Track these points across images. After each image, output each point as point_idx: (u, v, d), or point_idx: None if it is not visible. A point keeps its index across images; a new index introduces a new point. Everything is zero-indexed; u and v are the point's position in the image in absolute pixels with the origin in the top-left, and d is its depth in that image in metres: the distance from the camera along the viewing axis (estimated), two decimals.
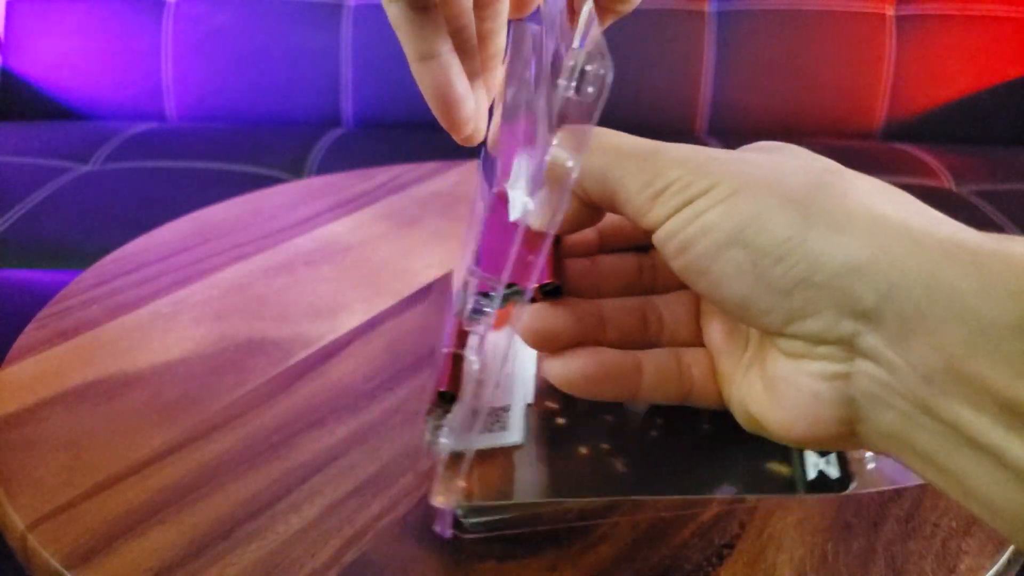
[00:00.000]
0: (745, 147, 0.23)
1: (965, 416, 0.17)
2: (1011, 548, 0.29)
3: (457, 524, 0.28)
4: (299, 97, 1.25)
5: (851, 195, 0.19)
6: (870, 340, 0.18)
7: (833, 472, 0.28)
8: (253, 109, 1.26)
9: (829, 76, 1.21)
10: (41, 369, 0.39)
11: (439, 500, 0.27)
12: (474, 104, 0.28)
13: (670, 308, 0.26)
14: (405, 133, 1.19)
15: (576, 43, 0.21)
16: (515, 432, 0.30)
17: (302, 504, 0.31)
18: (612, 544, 0.29)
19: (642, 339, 0.26)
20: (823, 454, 0.29)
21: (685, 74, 1.22)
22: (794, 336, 0.20)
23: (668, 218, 0.20)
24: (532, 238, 0.22)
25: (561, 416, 0.32)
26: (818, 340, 0.19)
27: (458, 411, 0.26)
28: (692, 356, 0.25)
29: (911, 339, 0.17)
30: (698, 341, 0.26)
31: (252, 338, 0.41)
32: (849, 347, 0.19)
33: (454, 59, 0.27)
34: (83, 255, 0.80)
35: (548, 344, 0.24)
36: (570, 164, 0.21)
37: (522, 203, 0.22)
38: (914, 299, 0.17)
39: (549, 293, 0.24)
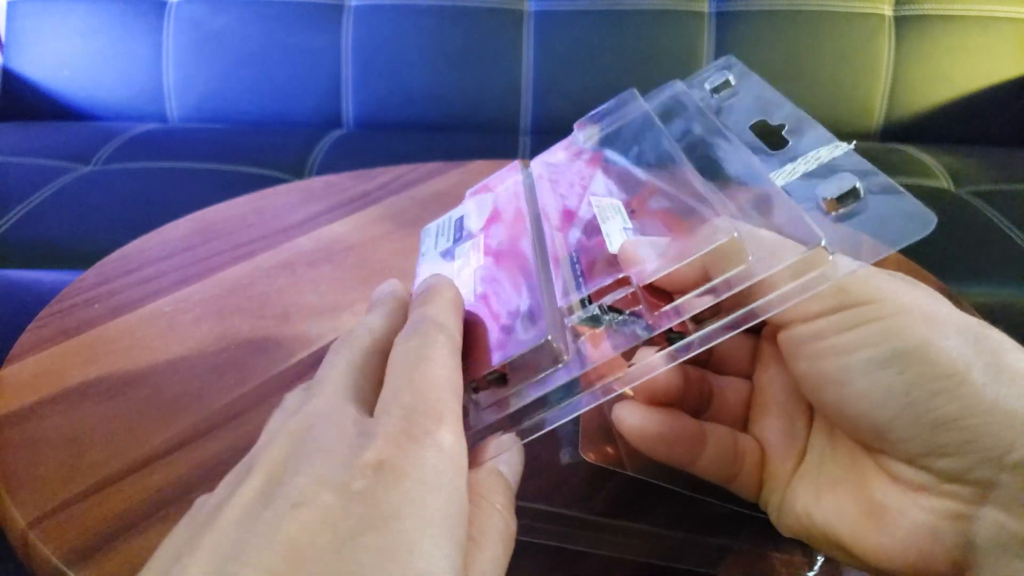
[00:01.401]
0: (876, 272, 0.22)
1: None
2: None
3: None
4: (300, 98, 1.26)
5: (1007, 349, 0.19)
6: (1009, 492, 0.18)
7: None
8: (254, 110, 1.26)
9: (828, 76, 1.21)
10: (43, 367, 0.39)
11: (591, 457, 0.28)
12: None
13: (721, 390, 0.26)
14: (405, 133, 1.19)
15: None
16: None
17: None
18: None
19: (698, 412, 0.25)
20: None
21: (684, 74, 1.22)
22: (926, 469, 0.19)
23: (815, 318, 0.19)
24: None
25: None
26: (950, 478, 0.18)
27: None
28: (746, 443, 0.24)
29: None
30: (740, 430, 0.25)
31: (253, 337, 0.41)
32: (981, 491, 0.18)
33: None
34: (84, 255, 0.80)
35: (655, 398, 0.24)
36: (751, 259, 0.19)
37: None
38: None
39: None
